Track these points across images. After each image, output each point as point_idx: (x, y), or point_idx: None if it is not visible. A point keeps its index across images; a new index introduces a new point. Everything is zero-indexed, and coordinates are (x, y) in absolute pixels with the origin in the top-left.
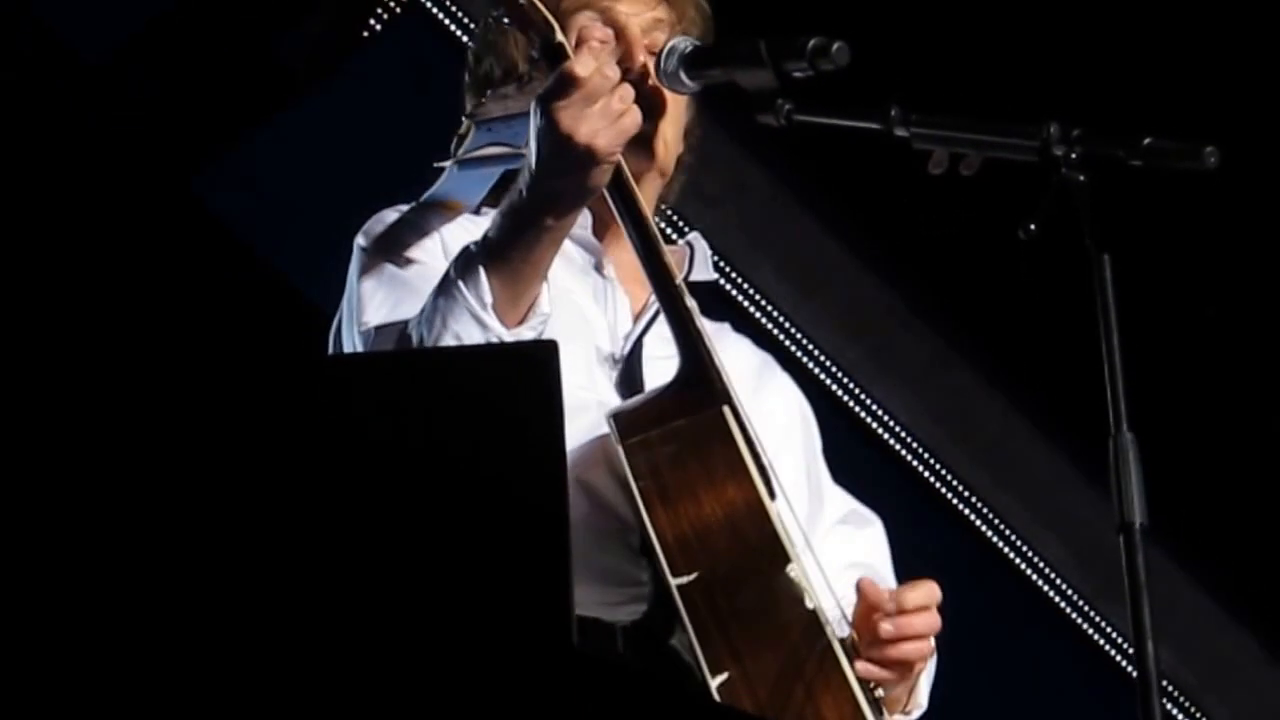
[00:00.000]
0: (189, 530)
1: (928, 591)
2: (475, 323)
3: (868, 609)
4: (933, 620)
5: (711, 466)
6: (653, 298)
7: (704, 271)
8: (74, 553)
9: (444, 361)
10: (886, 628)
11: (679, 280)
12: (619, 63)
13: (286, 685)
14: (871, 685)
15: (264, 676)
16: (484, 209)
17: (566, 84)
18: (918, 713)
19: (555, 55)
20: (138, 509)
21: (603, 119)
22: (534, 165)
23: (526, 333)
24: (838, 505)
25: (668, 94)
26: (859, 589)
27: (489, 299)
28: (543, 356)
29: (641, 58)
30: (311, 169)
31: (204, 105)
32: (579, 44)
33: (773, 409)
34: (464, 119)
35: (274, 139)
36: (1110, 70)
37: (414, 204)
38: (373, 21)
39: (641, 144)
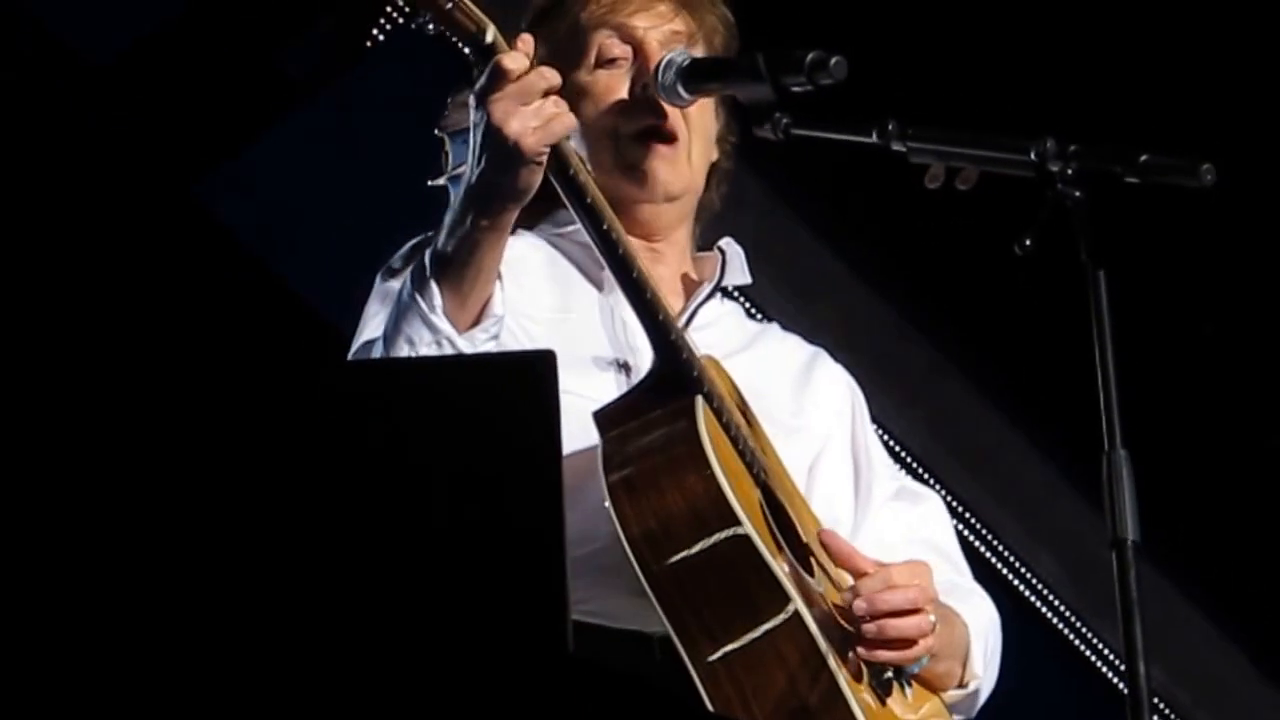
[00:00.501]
0: (186, 539)
1: (904, 569)
2: (426, 326)
3: (843, 565)
4: (914, 594)
5: (674, 457)
6: (690, 305)
7: (739, 275)
8: (73, 556)
9: (441, 370)
10: (860, 605)
11: (641, 272)
12: (637, 77)
13: (284, 693)
14: (881, 667)
15: (261, 684)
16: (519, 229)
17: (497, 76)
18: (975, 684)
19: (488, 56)
20: (134, 518)
21: (534, 117)
22: (470, 162)
23: (480, 335)
24: (887, 483)
25: (692, 111)
26: (821, 541)
27: (437, 302)
28: (540, 366)
29: (651, 70)
30: (313, 177)
31: (207, 112)
32: (601, 63)
33: (817, 402)
34: (436, 133)
35: (276, 146)
36: (1107, 86)
37: (431, 233)
38: (375, 31)
39: (671, 161)
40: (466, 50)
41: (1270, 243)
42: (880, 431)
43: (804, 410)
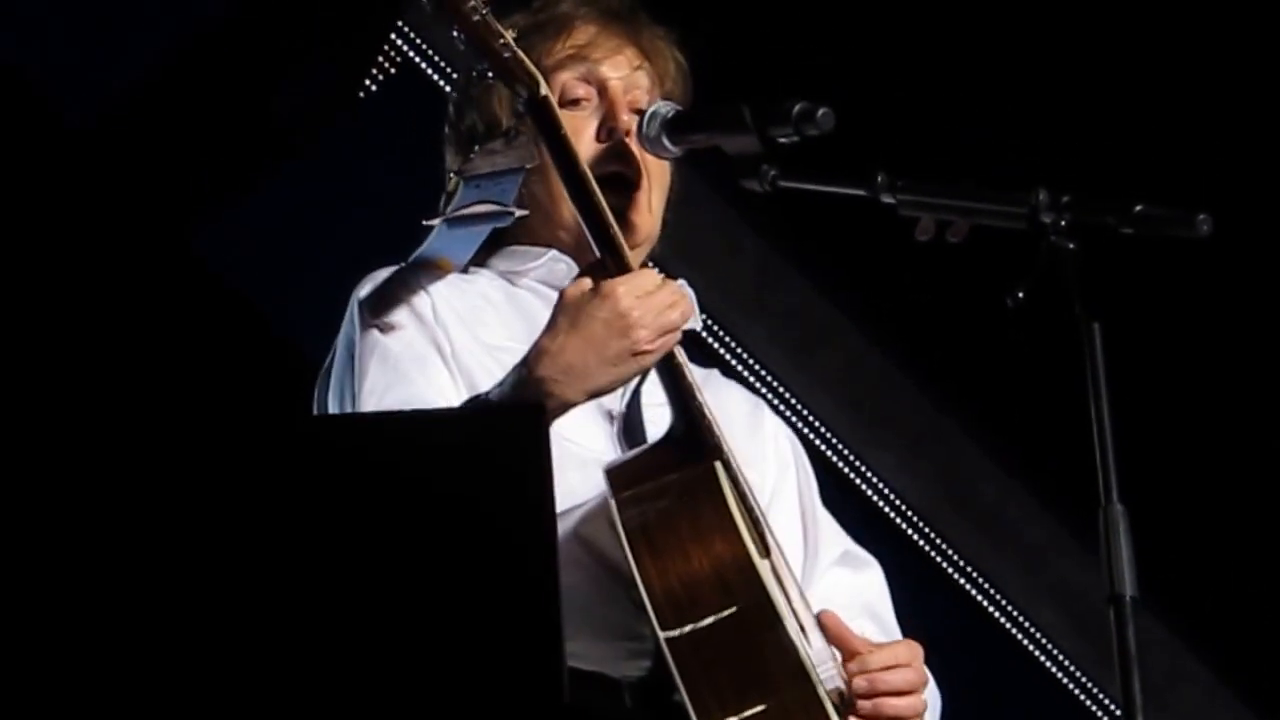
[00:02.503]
0: (182, 588)
1: (904, 649)
2: None
3: (837, 644)
4: (911, 675)
5: (700, 521)
6: None
7: (692, 321)
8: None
9: (433, 424)
10: (860, 684)
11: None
12: (603, 121)
13: None
14: None
15: None
16: (471, 268)
17: (647, 285)
18: None
19: (540, 110)
20: (127, 572)
21: (660, 331)
22: (557, 339)
23: None
24: (834, 546)
25: (651, 159)
26: (820, 621)
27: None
28: (529, 419)
29: (625, 116)
30: (306, 226)
31: (199, 163)
32: (564, 104)
33: (765, 454)
34: (451, 175)
35: (269, 198)
36: (1100, 137)
37: (404, 263)
38: (368, 82)
39: (636, 207)
40: (518, 105)
41: (1265, 293)
42: (878, 484)
43: (753, 461)
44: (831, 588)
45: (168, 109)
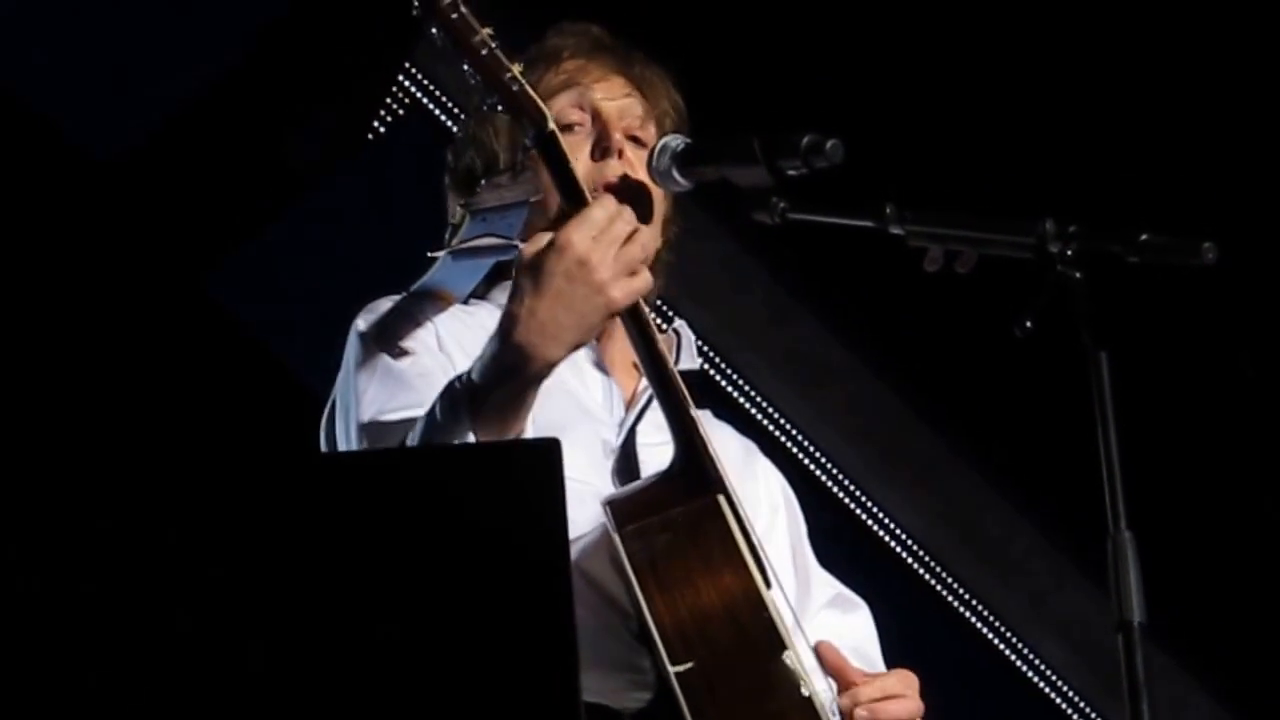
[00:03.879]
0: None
1: (898, 680)
2: None
3: (835, 674)
4: (911, 705)
5: (708, 555)
6: (643, 385)
7: (689, 360)
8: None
9: (449, 458)
10: (861, 714)
11: (673, 367)
12: (597, 142)
13: None
14: None
15: None
16: (472, 300)
17: (593, 223)
18: None
19: (548, 144)
20: (143, 612)
21: (624, 267)
22: (526, 298)
23: None
24: (824, 589)
25: (645, 177)
26: (817, 652)
27: (472, 442)
28: (546, 453)
29: (617, 135)
30: (318, 266)
31: (211, 205)
32: (562, 129)
33: (758, 494)
34: (459, 208)
35: (282, 237)
36: (1106, 166)
37: (406, 293)
38: (377, 124)
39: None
40: (526, 139)
41: (1273, 320)
42: (884, 519)
43: (747, 501)
44: (822, 629)
45: (183, 153)
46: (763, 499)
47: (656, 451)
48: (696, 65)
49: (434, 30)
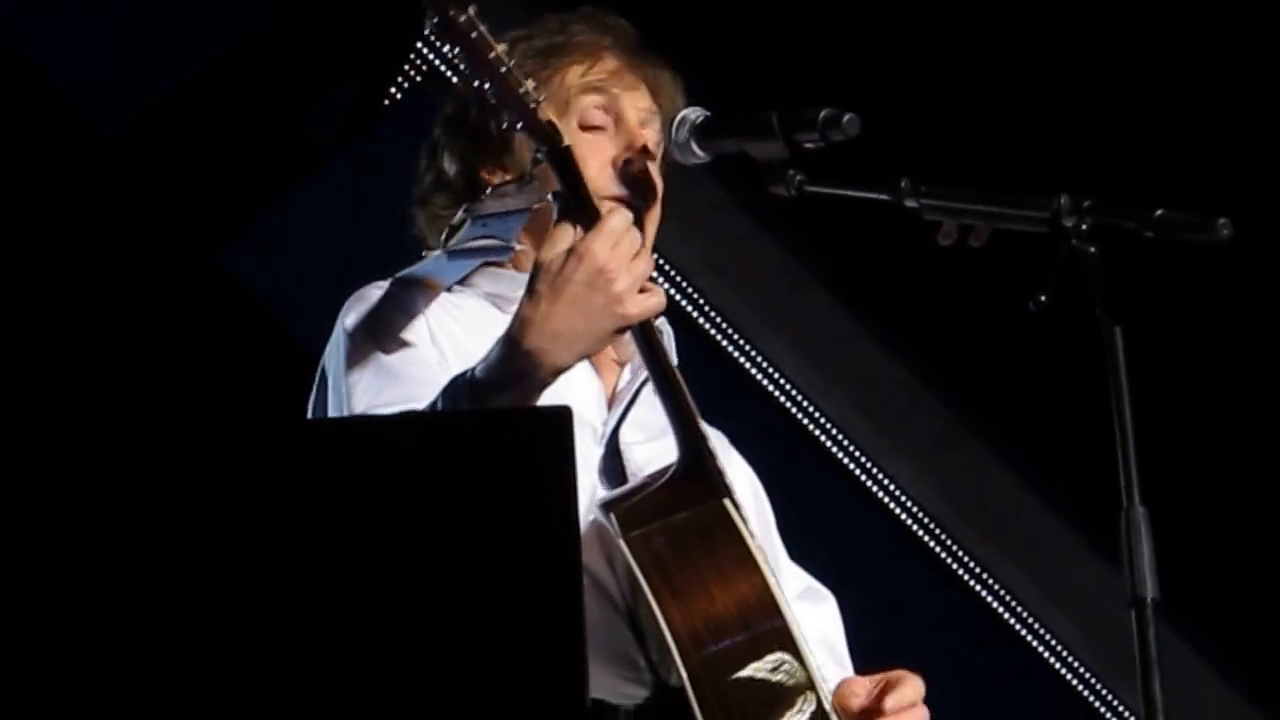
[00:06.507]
0: (196, 593)
1: (914, 688)
2: None
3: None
4: (921, 715)
5: (720, 560)
6: (624, 383)
7: (669, 357)
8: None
9: (459, 425)
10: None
11: (677, 372)
12: (621, 150)
13: None
14: None
15: None
16: (456, 287)
17: (613, 233)
18: None
19: (563, 159)
20: (143, 577)
21: (636, 281)
22: (539, 305)
23: None
24: (795, 581)
25: (661, 187)
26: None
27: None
28: (557, 421)
29: (640, 144)
30: (333, 238)
31: (225, 177)
32: (583, 128)
33: (735, 487)
34: (461, 211)
35: (297, 208)
36: (1122, 142)
37: (392, 279)
38: (394, 91)
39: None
40: (537, 154)
41: None
42: (895, 492)
43: (742, 505)
44: (801, 620)
45: (198, 124)
46: (737, 487)
47: (640, 450)
48: (715, 39)
49: (448, 46)
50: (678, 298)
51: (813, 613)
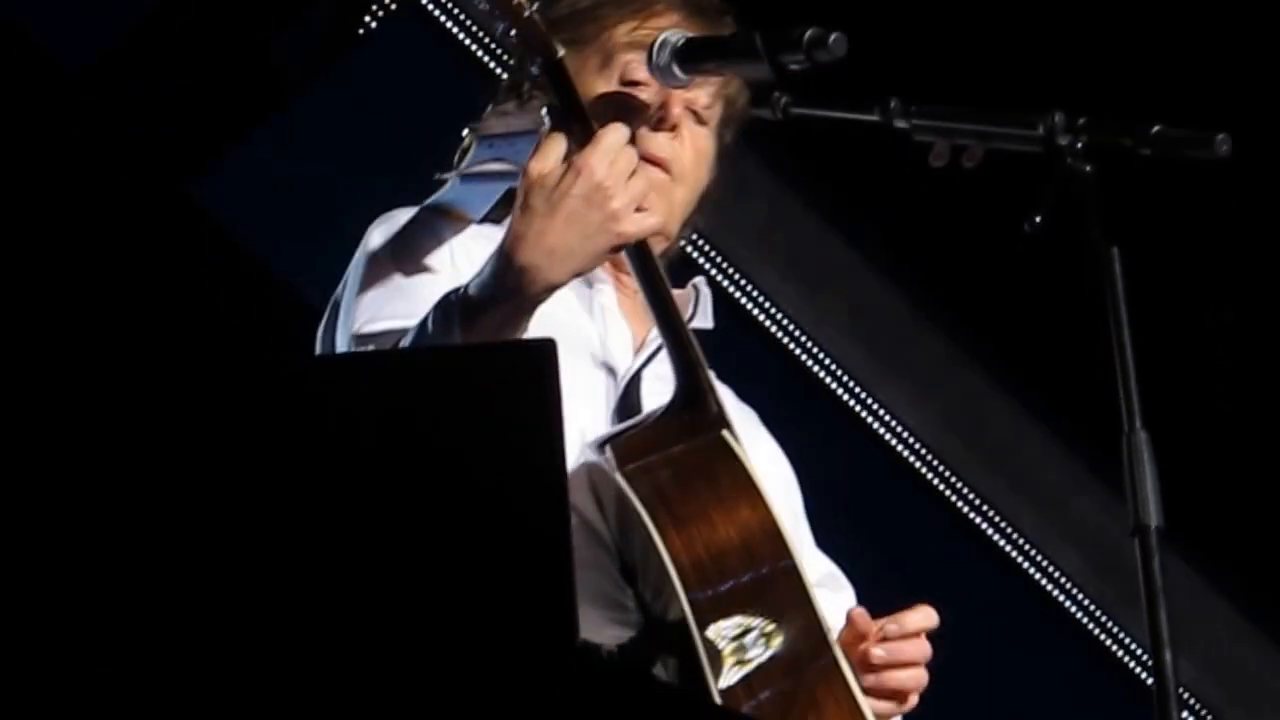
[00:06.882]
0: (181, 536)
1: (925, 615)
2: None
3: (855, 638)
4: (925, 647)
5: (721, 488)
6: (653, 334)
7: (703, 319)
8: (65, 555)
9: (441, 360)
10: (878, 653)
11: (673, 296)
12: (659, 108)
13: (285, 695)
14: None
15: (262, 686)
16: (488, 224)
17: (608, 147)
18: None
19: (555, 73)
20: (131, 516)
21: (634, 199)
22: (522, 219)
23: None
24: (818, 568)
25: (688, 152)
26: (850, 618)
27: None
28: (541, 354)
29: (677, 110)
30: (309, 169)
31: (198, 107)
32: (624, 83)
33: (760, 456)
34: (466, 131)
35: (270, 139)
36: (1116, 56)
37: (422, 206)
38: (368, 19)
39: (663, 194)
40: (532, 67)
41: None
42: (892, 423)
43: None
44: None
45: (164, 54)
46: (763, 468)
47: (658, 401)
48: None
49: None
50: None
51: (833, 600)
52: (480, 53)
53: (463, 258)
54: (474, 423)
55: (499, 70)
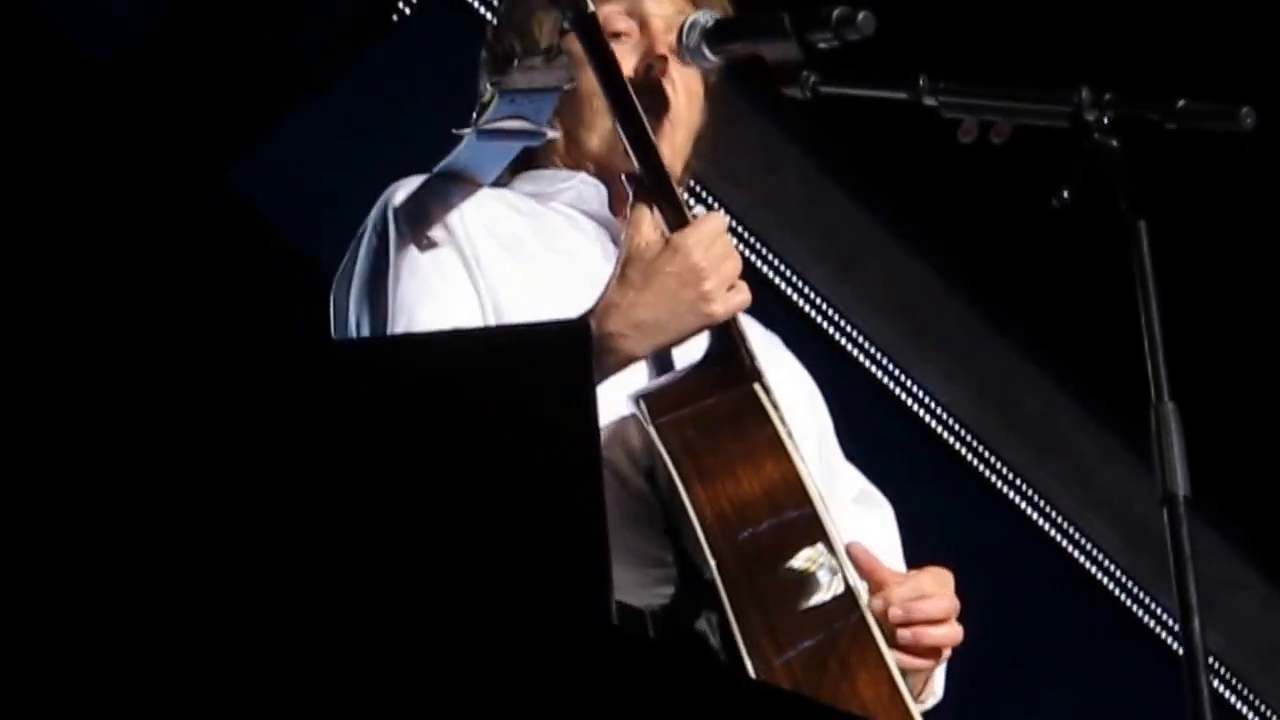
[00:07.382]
0: (208, 518)
1: (931, 579)
2: None
3: (866, 575)
4: (946, 604)
5: (749, 443)
6: None
7: None
8: (79, 541)
9: (472, 344)
10: (896, 613)
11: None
12: (642, 56)
13: (307, 678)
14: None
15: (285, 671)
16: (494, 187)
17: (713, 229)
18: (933, 701)
19: (588, 27)
20: (156, 504)
21: (727, 280)
22: (622, 291)
23: None
24: (850, 485)
25: (681, 96)
26: (850, 554)
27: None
28: (574, 338)
29: (662, 53)
30: (340, 156)
31: (231, 95)
32: (608, 34)
33: (783, 388)
34: (488, 86)
35: (303, 127)
36: (1143, 31)
37: (432, 173)
38: (401, 4)
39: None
40: (564, 22)
41: None
42: (925, 399)
43: (772, 390)
44: (845, 526)
45: (192, 40)
46: (787, 394)
47: (690, 351)
48: None
49: None
50: (698, 208)
51: (868, 517)
52: None
53: (473, 218)
54: (508, 404)
55: None
